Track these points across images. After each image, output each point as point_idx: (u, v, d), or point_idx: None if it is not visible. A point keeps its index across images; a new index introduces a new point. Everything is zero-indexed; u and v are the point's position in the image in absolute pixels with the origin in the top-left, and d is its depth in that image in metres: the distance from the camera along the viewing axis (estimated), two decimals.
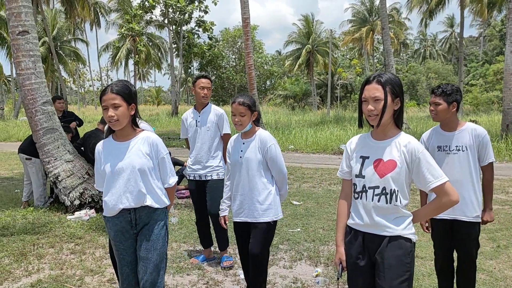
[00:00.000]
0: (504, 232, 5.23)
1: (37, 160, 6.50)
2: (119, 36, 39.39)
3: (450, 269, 3.21)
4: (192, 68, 44.35)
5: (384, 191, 2.11)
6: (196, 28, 32.02)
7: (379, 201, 2.13)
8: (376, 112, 2.09)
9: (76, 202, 6.13)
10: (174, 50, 32.91)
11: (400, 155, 2.11)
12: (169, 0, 28.27)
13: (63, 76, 40.19)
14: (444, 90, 2.99)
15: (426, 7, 32.32)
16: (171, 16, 30.18)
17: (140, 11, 29.27)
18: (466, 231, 2.99)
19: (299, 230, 5.36)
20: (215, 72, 40.51)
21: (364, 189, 2.17)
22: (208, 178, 4.15)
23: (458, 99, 3.00)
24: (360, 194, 2.20)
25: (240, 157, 3.12)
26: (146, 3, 28.94)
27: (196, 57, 34.34)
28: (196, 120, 4.18)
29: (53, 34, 34.80)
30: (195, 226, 5.15)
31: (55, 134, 6.40)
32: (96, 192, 6.24)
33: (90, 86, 64.58)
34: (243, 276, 3.88)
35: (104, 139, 2.68)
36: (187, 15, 30.11)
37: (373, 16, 44.46)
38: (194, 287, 3.77)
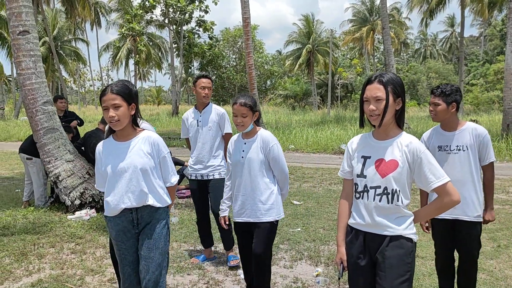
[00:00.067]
0: (505, 232, 5.22)
1: (37, 160, 6.51)
2: (120, 36, 39.45)
3: (450, 268, 3.21)
4: (192, 68, 44.44)
5: (385, 191, 2.11)
6: (197, 28, 32.08)
7: (380, 201, 2.12)
8: (377, 112, 2.09)
9: (77, 202, 6.13)
10: (175, 50, 32.93)
11: (402, 155, 2.10)
12: (169, 0, 28.28)
13: (64, 76, 40.19)
14: (443, 91, 2.98)
15: (427, 6, 32.31)
16: (172, 16, 30.20)
17: (141, 11, 29.30)
18: (467, 230, 2.99)
19: (299, 229, 5.36)
20: (215, 72, 40.54)
21: (365, 189, 2.17)
22: (210, 178, 4.15)
23: (457, 99, 2.99)
24: (361, 194, 2.19)
25: (242, 157, 3.11)
26: (147, 3, 28.96)
27: (196, 57, 34.39)
28: (197, 120, 4.18)
29: (53, 34, 34.82)
30: (195, 225, 5.15)
31: (56, 134, 6.41)
32: (96, 192, 6.24)
33: (91, 86, 64.69)
34: (243, 276, 3.88)
35: (104, 139, 2.68)
36: (187, 15, 30.13)
37: (373, 16, 44.46)
38: (195, 287, 3.77)
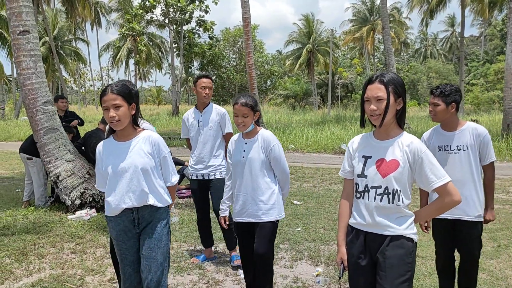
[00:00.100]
0: (505, 232, 5.22)
1: (38, 159, 6.51)
2: (120, 35, 39.48)
3: (451, 268, 3.21)
4: (192, 67, 44.45)
5: (386, 191, 2.11)
6: (197, 27, 32.08)
7: (381, 201, 2.12)
8: (378, 112, 2.09)
9: (77, 202, 6.13)
10: (175, 50, 32.93)
11: (403, 155, 2.10)
12: (169, 0, 28.28)
13: (64, 76, 40.22)
14: (443, 91, 2.98)
15: (427, 6, 32.31)
16: (172, 15, 30.20)
17: (141, 11, 29.31)
18: (468, 230, 2.98)
19: (299, 229, 5.36)
20: (215, 71, 40.55)
21: (366, 188, 2.17)
22: (211, 178, 4.15)
23: (457, 99, 2.98)
24: (362, 193, 2.19)
25: (243, 157, 3.10)
26: (147, 2, 28.97)
27: (196, 56, 34.39)
28: (198, 120, 4.17)
29: (53, 33, 34.83)
30: (195, 225, 5.15)
31: (56, 134, 6.41)
32: (96, 192, 6.24)
33: (91, 85, 64.75)
34: (243, 276, 3.87)
35: (104, 139, 2.68)
36: (187, 15, 30.13)
37: (373, 16, 44.45)
38: (195, 287, 3.77)
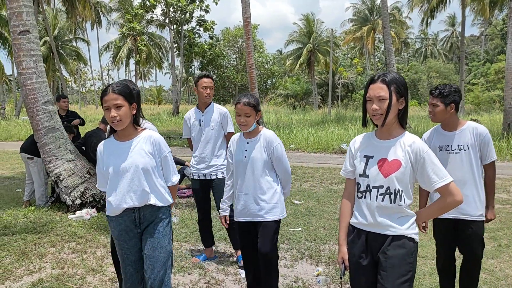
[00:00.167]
0: (505, 231, 5.22)
1: (38, 159, 6.51)
2: (120, 35, 39.49)
3: (451, 268, 3.21)
4: (193, 67, 44.40)
5: (388, 191, 2.11)
6: (197, 27, 32.07)
7: (383, 200, 2.12)
8: (380, 111, 2.08)
9: (77, 202, 6.14)
10: (175, 50, 32.93)
11: (405, 154, 2.10)
12: None
13: (64, 75, 40.23)
14: (442, 92, 2.96)
15: (427, 6, 32.29)
16: (172, 15, 30.20)
17: (141, 11, 29.31)
18: (470, 230, 2.97)
19: (300, 229, 5.36)
20: (216, 71, 40.55)
21: (368, 188, 2.17)
22: (213, 177, 4.15)
23: (456, 100, 2.96)
24: (364, 193, 2.19)
25: (245, 156, 3.09)
26: (147, 2, 28.97)
27: (197, 56, 34.39)
28: (200, 120, 4.17)
29: (54, 33, 34.84)
30: (196, 225, 5.15)
31: (56, 134, 6.41)
32: (97, 192, 6.24)
33: (91, 85, 64.74)
34: (244, 275, 3.88)
35: (105, 139, 2.68)
36: (188, 15, 30.13)
37: (374, 15, 44.44)
38: (195, 286, 3.77)
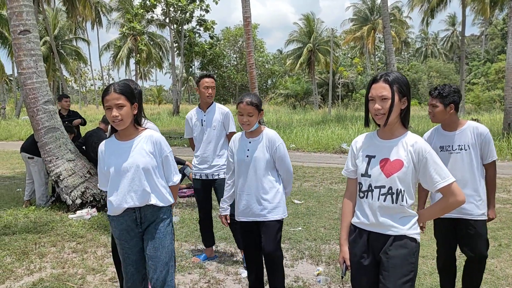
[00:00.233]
0: (506, 231, 5.22)
1: (39, 159, 6.51)
2: (121, 35, 39.52)
3: (452, 267, 3.20)
4: (193, 67, 44.46)
5: (390, 191, 2.11)
6: (197, 27, 32.07)
7: (385, 200, 2.12)
8: (383, 111, 2.08)
9: (78, 201, 6.14)
10: (175, 49, 32.93)
11: (407, 154, 2.09)
12: None
13: (65, 75, 40.25)
14: (441, 92, 2.95)
15: (428, 5, 32.27)
16: (172, 15, 30.20)
17: (141, 10, 29.32)
18: (474, 230, 2.97)
19: (300, 229, 5.36)
20: (216, 71, 40.53)
21: (370, 188, 2.16)
22: (215, 177, 4.14)
23: (455, 100, 2.95)
24: (365, 193, 2.18)
25: (247, 156, 3.08)
26: (147, 2, 28.97)
27: (197, 56, 34.40)
28: (202, 120, 4.17)
29: (54, 33, 34.85)
30: (196, 224, 5.15)
31: (57, 133, 6.41)
32: (97, 191, 6.25)
33: (92, 85, 64.72)
34: (244, 275, 3.88)
35: (106, 139, 2.68)
36: (188, 14, 30.13)
37: (374, 15, 44.43)
38: (196, 286, 3.77)
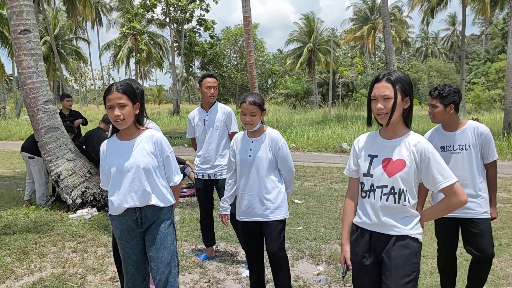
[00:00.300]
0: (506, 231, 5.22)
1: (39, 159, 6.51)
2: (121, 35, 39.47)
3: (453, 267, 3.21)
4: (193, 67, 44.42)
5: (392, 191, 2.10)
6: (198, 26, 32.06)
7: (387, 200, 2.11)
8: (385, 110, 2.07)
9: (78, 201, 6.14)
10: (176, 49, 32.92)
11: (410, 154, 2.09)
12: None
13: (65, 75, 40.23)
14: (441, 92, 2.94)
15: (428, 5, 32.26)
16: (173, 14, 30.20)
17: (142, 10, 29.31)
18: (478, 229, 2.96)
19: (300, 228, 5.36)
20: (216, 70, 40.49)
21: (372, 188, 2.16)
22: (218, 178, 4.13)
23: (455, 100, 2.94)
24: (367, 193, 2.18)
25: (250, 155, 3.07)
26: (148, 1, 28.97)
27: (197, 55, 34.39)
28: (204, 120, 4.16)
29: (54, 33, 34.85)
30: (196, 224, 5.16)
31: (57, 133, 6.41)
32: (98, 191, 6.25)
33: (92, 85, 64.78)
34: (244, 274, 3.88)
35: (108, 139, 2.67)
36: (188, 14, 30.13)
37: (374, 15, 44.42)
38: (196, 285, 3.77)
